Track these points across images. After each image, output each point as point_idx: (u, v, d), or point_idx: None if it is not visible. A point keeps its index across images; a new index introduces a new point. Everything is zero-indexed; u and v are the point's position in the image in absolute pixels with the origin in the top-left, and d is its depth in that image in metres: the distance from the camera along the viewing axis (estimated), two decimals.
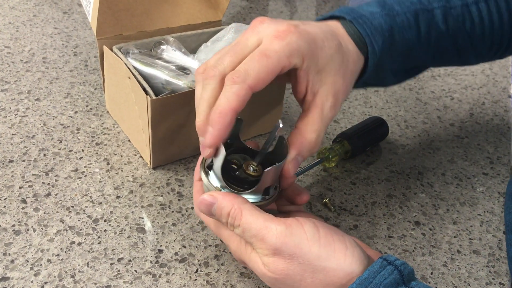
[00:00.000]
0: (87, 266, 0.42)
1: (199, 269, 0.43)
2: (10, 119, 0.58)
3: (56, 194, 0.48)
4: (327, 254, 0.33)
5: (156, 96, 0.48)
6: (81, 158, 0.53)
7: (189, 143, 0.53)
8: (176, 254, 0.44)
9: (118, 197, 0.49)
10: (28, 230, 0.44)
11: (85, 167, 0.52)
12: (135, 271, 0.42)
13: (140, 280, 0.41)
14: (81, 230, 0.45)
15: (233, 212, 0.34)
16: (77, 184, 0.50)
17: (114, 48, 0.54)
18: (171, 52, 0.56)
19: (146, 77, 0.51)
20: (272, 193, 0.38)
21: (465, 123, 0.69)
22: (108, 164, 0.53)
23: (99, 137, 0.57)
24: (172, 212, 0.48)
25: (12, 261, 0.41)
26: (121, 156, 0.54)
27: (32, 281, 0.40)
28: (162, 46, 0.56)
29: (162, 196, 0.50)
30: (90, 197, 0.49)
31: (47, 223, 0.45)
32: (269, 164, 0.36)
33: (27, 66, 0.68)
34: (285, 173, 0.37)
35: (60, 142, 0.55)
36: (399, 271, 0.32)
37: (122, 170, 0.52)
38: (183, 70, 0.54)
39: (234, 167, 0.38)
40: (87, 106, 0.62)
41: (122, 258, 0.43)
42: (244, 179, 0.38)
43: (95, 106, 0.62)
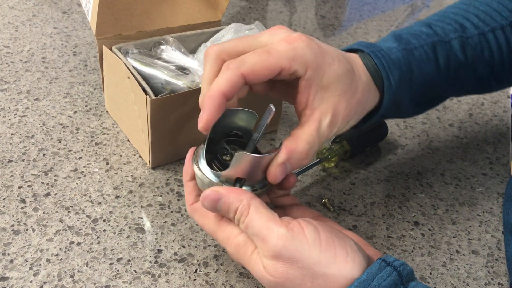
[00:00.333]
0: (86, 266, 0.42)
1: (198, 269, 0.43)
2: (10, 119, 0.58)
3: (55, 194, 0.48)
4: (328, 260, 0.33)
5: (155, 96, 0.48)
6: (80, 158, 0.53)
7: (189, 143, 0.53)
8: (175, 254, 0.44)
9: (117, 197, 0.49)
10: (27, 230, 0.44)
11: (84, 167, 0.52)
12: (134, 271, 0.42)
13: (139, 280, 0.41)
14: (80, 230, 0.45)
15: (241, 208, 0.34)
16: (77, 184, 0.50)
17: (114, 48, 0.54)
18: (171, 52, 0.56)
19: (145, 77, 0.51)
20: (260, 187, 0.37)
21: (464, 123, 0.69)
22: (107, 164, 0.53)
23: (98, 137, 0.57)
24: (171, 212, 0.48)
25: (11, 261, 0.41)
26: (121, 156, 0.54)
27: (31, 281, 0.40)
28: (162, 46, 0.56)
29: (161, 196, 0.50)
30: (90, 197, 0.49)
31: (46, 223, 0.45)
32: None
33: (26, 66, 0.68)
34: (270, 175, 0.36)
35: (60, 142, 0.55)
36: (397, 272, 0.32)
37: (121, 170, 0.52)
38: (182, 70, 0.54)
39: (227, 158, 0.38)
40: (86, 106, 0.62)
41: (121, 258, 0.43)
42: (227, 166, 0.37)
43: (95, 106, 0.62)
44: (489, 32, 0.47)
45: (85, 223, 0.46)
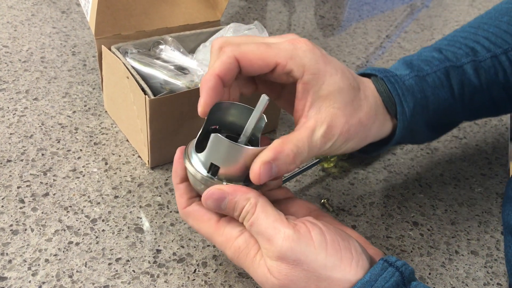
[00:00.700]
0: (85, 266, 0.42)
1: (197, 269, 0.43)
2: (8, 119, 0.57)
3: (54, 194, 0.48)
4: (333, 264, 0.32)
5: (154, 96, 0.48)
6: (79, 158, 0.53)
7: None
8: (174, 254, 0.44)
9: (116, 197, 0.49)
10: (26, 230, 0.44)
11: (83, 167, 0.52)
12: (133, 271, 0.42)
13: (138, 280, 0.41)
14: (79, 230, 0.45)
15: (248, 206, 0.34)
16: (75, 184, 0.50)
17: (113, 48, 0.54)
18: (170, 52, 0.56)
19: (144, 77, 0.51)
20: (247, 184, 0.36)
21: (463, 123, 0.69)
22: (106, 164, 0.53)
23: (97, 137, 0.57)
24: (170, 212, 0.48)
25: (10, 261, 0.41)
26: (119, 156, 0.54)
27: (30, 281, 0.40)
28: (161, 46, 0.56)
29: (160, 196, 0.50)
30: (88, 197, 0.49)
31: (45, 223, 0.45)
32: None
33: (25, 66, 0.68)
34: (253, 173, 0.34)
35: (58, 142, 0.55)
36: (400, 272, 0.32)
37: (120, 170, 0.52)
38: (181, 70, 0.54)
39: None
40: (85, 105, 0.62)
41: (120, 258, 0.43)
42: None
43: (94, 105, 0.62)
44: (501, 54, 0.46)
45: (84, 223, 0.46)
